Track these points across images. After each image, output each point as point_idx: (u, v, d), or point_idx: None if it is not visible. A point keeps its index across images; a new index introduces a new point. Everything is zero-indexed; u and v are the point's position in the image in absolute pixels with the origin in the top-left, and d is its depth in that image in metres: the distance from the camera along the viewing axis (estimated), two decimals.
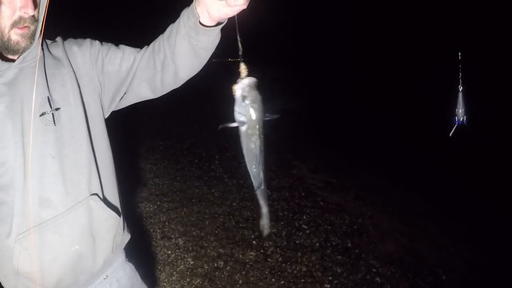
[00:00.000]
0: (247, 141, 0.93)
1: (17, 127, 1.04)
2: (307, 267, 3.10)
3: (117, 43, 1.23)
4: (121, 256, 1.34)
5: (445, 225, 3.81)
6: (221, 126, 0.94)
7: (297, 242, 3.41)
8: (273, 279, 2.94)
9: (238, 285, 2.87)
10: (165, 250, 3.19)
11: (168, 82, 1.19)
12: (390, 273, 3.09)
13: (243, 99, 0.89)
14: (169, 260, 3.08)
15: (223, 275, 2.95)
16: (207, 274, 2.95)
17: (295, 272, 3.04)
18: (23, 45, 1.04)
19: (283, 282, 2.92)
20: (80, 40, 1.22)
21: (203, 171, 4.67)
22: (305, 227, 3.64)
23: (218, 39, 1.07)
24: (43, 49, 1.12)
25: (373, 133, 6.05)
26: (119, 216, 1.24)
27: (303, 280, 2.95)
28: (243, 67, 0.91)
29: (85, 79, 1.18)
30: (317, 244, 3.41)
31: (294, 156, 5.28)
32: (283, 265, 3.10)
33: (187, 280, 2.88)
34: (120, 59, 1.19)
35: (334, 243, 3.43)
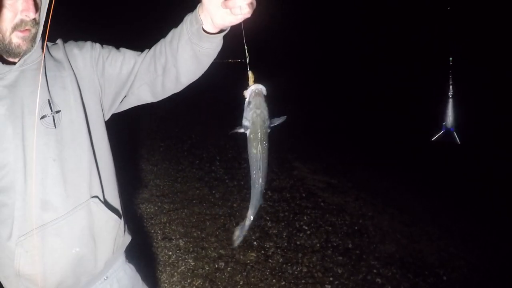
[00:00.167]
0: (250, 146, 0.94)
1: (18, 130, 1.04)
2: (308, 268, 3.10)
3: (117, 46, 1.23)
4: (122, 257, 1.34)
5: (446, 226, 3.81)
6: (231, 131, 0.95)
7: (298, 243, 3.42)
8: (274, 280, 2.94)
9: (239, 286, 2.87)
10: (166, 251, 3.19)
11: (169, 86, 1.19)
12: (391, 273, 3.10)
13: (248, 105, 0.91)
14: (170, 261, 3.08)
15: (224, 276, 2.95)
16: (208, 275, 2.95)
17: (296, 273, 3.04)
18: (24, 48, 1.04)
19: (284, 283, 2.92)
20: (80, 42, 1.22)
21: (204, 172, 4.67)
22: (306, 228, 3.65)
23: (220, 46, 1.08)
24: (43, 52, 1.12)
25: (374, 134, 6.06)
26: (120, 218, 1.25)
27: (304, 281, 2.95)
28: (250, 75, 0.92)
29: (85, 82, 1.18)
30: (318, 245, 3.41)
31: (295, 157, 5.28)
32: (284, 266, 3.10)
33: (188, 281, 2.88)
34: (120, 62, 1.19)
35: (334, 244, 3.43)
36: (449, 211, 4.04)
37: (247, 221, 1.06)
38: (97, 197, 1.17)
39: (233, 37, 0.97)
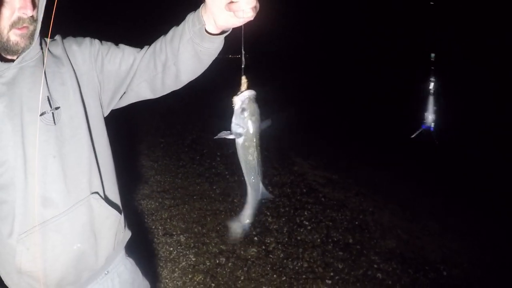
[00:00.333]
0: (245, 153, 0.93)
1: (17, 127, 1.04)
2: (309, 263, 3.11)
3: (117, 42, 1.23)
4: (122, 252, 1.35)
5: (446, 222, 3.82)
6: (216, 137, 0.93)
7: (299, 238, 3.43)
8: (275, 275, 2.95)
9: (240, 281, 2.88)
10: (167, 247, 3.20)
11: (168, 84, 1.19)
12: (391, 269, 3.10)
13: (242, 111, 0.90)
14: (171, 257, 3.10)
15: (225, 272, 2.96)
16: (209, 270, 2.97)
17: (297, 268, 3.05)
18: (22, 45, 1.04)
19: (284, 278, 2.93)
20: (79, 38, 1.21)
21: (204, 168, 4.68)
22: (307, 223, 3.65)
23: (221, 46, 1.08)
24: (42, 48, 1.12)
25: (375, 130, 6.05)
26: (120, 213, 1.25)
27: (304, 276, 2.97)
28: (244, 80, 0.91)
29: (84, 78, 1.18)
30: (319, 240, 3.42)
31: (295, 152, 5.28)
32: (285, 261, 3.11)
33: (189, 276, 2.90)
34: (120, 58, 1.19)
35: (335, 239, 3.44)
36: (450, 208, 4.04)
37: (246, 216, 1.05)
38: (97, 193, 1.18)
39: (239, 33, 0.96)
